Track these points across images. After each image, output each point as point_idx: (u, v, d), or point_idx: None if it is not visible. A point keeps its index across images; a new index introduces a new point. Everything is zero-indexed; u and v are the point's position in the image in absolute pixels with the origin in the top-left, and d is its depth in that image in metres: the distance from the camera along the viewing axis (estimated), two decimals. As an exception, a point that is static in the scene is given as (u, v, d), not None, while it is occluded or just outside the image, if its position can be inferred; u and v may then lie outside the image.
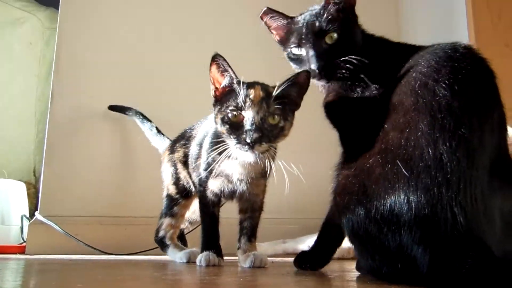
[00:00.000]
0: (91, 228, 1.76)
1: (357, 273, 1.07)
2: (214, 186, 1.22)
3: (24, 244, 1.76)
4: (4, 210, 1.96)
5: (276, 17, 1.14)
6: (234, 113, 1.08)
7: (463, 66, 0.86)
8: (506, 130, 0.90)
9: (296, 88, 1.12)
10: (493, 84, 0.89)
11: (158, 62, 2.00)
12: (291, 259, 1.15)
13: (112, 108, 1.86)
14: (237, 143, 1.07)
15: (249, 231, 1.25)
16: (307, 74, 1.08)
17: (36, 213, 1.77)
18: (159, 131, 1.66)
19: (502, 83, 0.89)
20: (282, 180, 1.08)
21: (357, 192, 0.87)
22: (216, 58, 1.11)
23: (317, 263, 1.11)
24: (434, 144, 0.80)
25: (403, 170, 0.81)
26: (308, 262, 1.11)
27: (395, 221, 0.80)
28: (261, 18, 1.16)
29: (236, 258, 1.26)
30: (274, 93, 1.09)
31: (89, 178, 1.86)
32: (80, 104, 1.91)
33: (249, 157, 1.09)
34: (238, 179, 1.19)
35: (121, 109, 1.85)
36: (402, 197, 0.80)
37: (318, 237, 1.11)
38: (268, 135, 1.08)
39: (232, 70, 1.12)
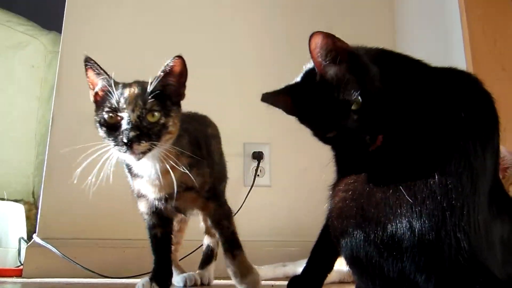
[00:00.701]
0: (89, 251, 1.75)
1: (357, 298, 1.05)
2: (141, 207, 1.19)
3: (21, 267, 1.74)
4: (2, 233, 1.95)
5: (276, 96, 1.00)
6: (110, 114, 1.02)
7: (469, 93, 0.87)
8: (499, 155, 0.90)
9: (173, 77, 1.06)
10: (495, 113, 0.88)
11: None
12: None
13: None
14: (115, 145, 1.00)
15: (227, 244, 1.17)
16: (181, 59, 1.05)
17: (34, 235, 1.75)
18: None
19: (500, 106, 0.90)
20: (281, 202, 1.08)
21: (355, 215, 0.86)
22: (87, 62, 1.06)
23: None
24: (442, 169, 0.79)
25: (406, 196, 0.80)
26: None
27: (396, 247, 0.79)
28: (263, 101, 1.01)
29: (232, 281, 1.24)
30: (149, 88, 1.02)
31: (87, 200, 1.84)
32: (80, 127, 1.91)
33: (129, 159, 1.03)
34: (154, 198, 1.13)
35: None
36: (404, 224, 0.79)
37: (308, 260, 1.07)
38: (148, 134, 1.00)
39: (105, 72, 1.07)
